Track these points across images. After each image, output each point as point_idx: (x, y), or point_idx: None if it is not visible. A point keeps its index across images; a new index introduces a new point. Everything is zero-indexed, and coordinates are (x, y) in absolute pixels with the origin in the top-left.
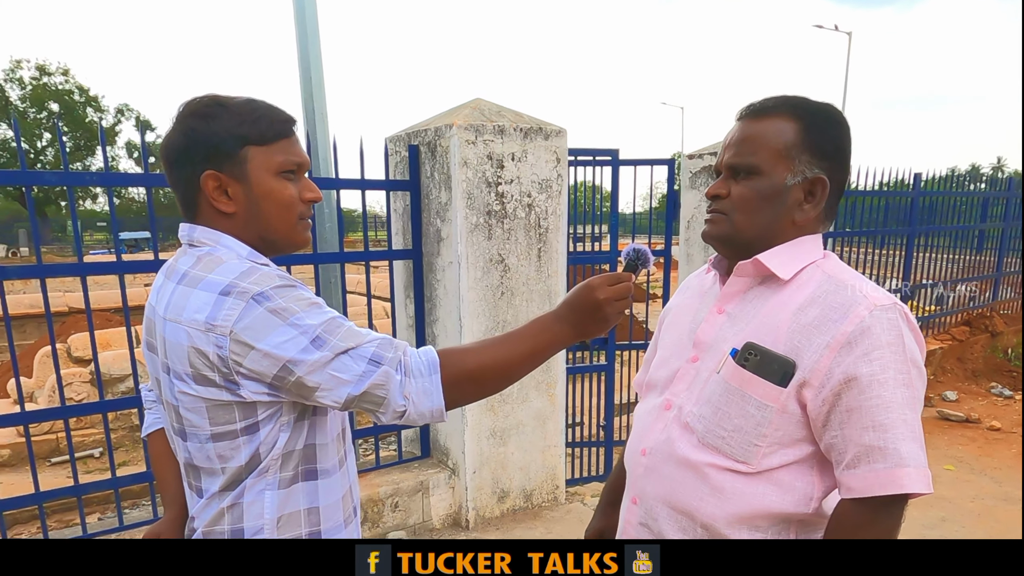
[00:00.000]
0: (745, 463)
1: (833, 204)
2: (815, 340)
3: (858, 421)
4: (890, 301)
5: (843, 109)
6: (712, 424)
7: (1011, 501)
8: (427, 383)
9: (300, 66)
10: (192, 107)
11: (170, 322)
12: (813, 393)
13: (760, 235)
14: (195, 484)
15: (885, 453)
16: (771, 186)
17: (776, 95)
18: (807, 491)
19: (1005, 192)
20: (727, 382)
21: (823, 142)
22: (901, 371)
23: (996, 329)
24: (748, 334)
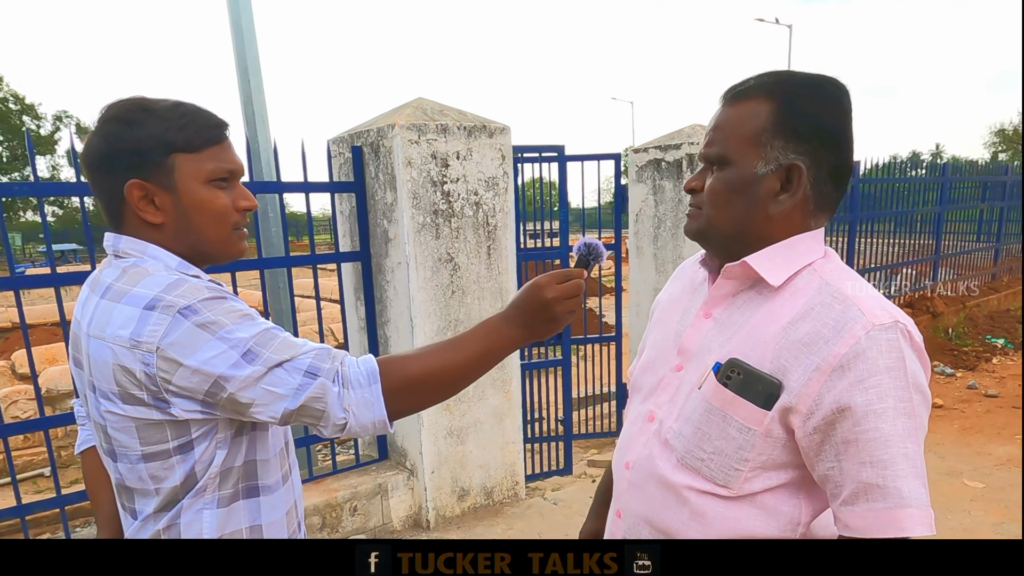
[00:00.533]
0: (725, 487)
1: (828, 193)
2: (804, 360)
3: (855, 455)
4: (891, 319)
5: None
6: (692, 444)
7: (953, 475)
8: (367, 393)
9: (237, 68)
10: (114, 111)
11: (94, 338)
12: (801, 420)
13: (736, 231)
14: (128, 505)
15: (885, 492)
16: (740, 177)
17: (763, 72)
18: (794, 516)
19: (939, 178)
20: (708, 401)
21: (800, 123)
22: (902, 399)
23: (937, 310)
24: (733, 347)
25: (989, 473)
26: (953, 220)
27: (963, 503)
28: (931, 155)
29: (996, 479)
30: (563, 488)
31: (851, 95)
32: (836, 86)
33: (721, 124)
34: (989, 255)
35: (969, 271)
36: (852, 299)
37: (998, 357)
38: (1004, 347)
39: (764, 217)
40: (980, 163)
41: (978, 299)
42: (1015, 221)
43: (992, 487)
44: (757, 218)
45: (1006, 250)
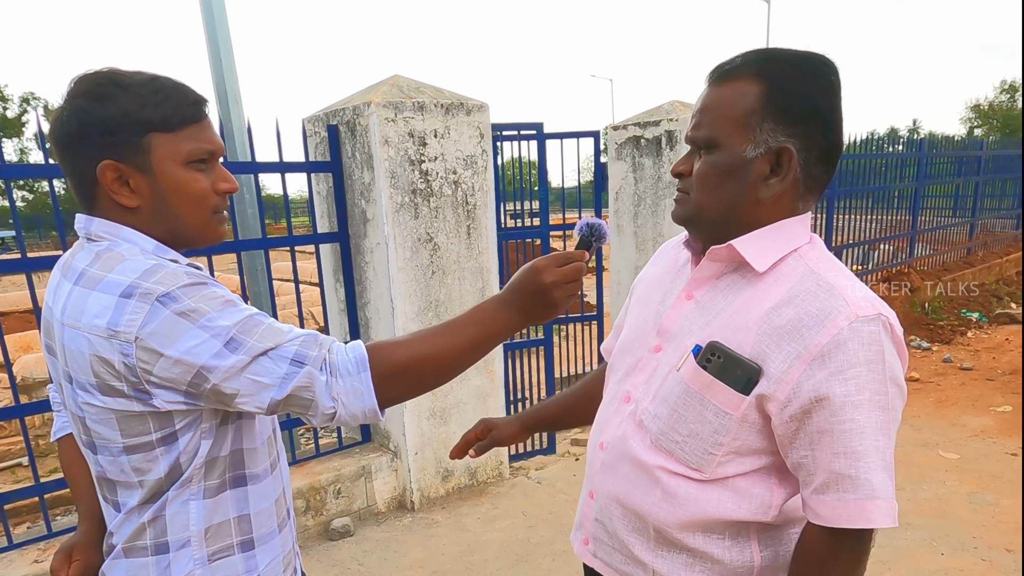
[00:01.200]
0: (698, 471)
1: (817, 174)
2: (785, 347)
3: (829, 445)
4: (874, 311)
5: None
6: (667, 426)
7: (928, 446)
8: (356, 382)
9: (209, 47)
10: (85, 85)
11: (69, 327)
12: (778, 408)
13: (724, 215)
14: (111, 498)
15: (856, 483)
16: (729, 160)
17: (750, 50)
18: (765, 498)
19: (917, 153)
20: (686, 384)
21: (789, 105)
22: (878, 392)
23: (914, 285)
24: (714, 330)
25: (963, 444)
26: (930, 196)
27: (938, 473)
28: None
29: (970, 450)
30: (547, 467)
31: (839, 71)
32: (825, 64)
33: (708, 106)
34: (964, 230)
35: (945, 246)
36: (837, 288)
37: (973, 330)
38: (979, 321)
39: (754, 201)
40: (956, 139)
41: (954, 273)
42: (990, 196)
43: (966, 458)
44: (747, 202)
45: (981, 225)
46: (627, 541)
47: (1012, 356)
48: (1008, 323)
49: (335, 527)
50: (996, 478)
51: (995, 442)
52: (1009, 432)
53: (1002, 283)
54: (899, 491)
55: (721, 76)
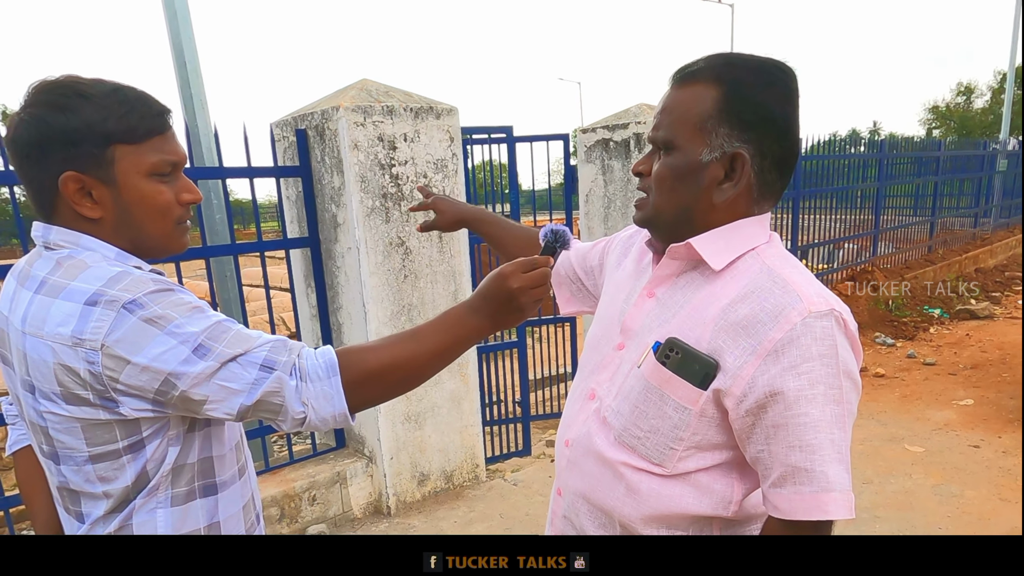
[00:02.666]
0: (660, 465)
1: (771, 180)
2: (740, 342)
3: (784, 439)
4: (827, 307)
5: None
6: (628, 422)
7: (894, 440)
8: (326, 386)
9: (173, 52)
10: (47, 94)
11: (31, 336)
12: (734, 402)
13: (679, 217)
14: (73, 508)
15: (812, 476)
16: (685, 163)
17: (711, 54)
18: (726, 494)
19: (879, 154)
20: (646, 379)
21: (745, 111)
22: (832, 386)
23: (878, 282)
24: (674, 327)
25: (928, 438)
26: (891, 195)
27: (904, 467)
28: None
29: (935, 443)
30: (523, 469)
31: (798, 79)
32: (783, 71)
33: (668, 107)
34: (925, 229)
35: (907, 244)
36: (791, 284)
37: (935, 327)
38: (940, 317)
39: (708, 205)
40: (916, 139)
41: (915, 271)
42: (949, 195)
43: (931, 451)
44: (701, 205)
45: (940, 223)
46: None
47: (972, 351)
48: (968, 319)
49: (311, 534)
50: (960, 470)
51: (958, 435)
52: (971, 425)
53: (962, 280)
54: (867, 484)
55: (683, 78)
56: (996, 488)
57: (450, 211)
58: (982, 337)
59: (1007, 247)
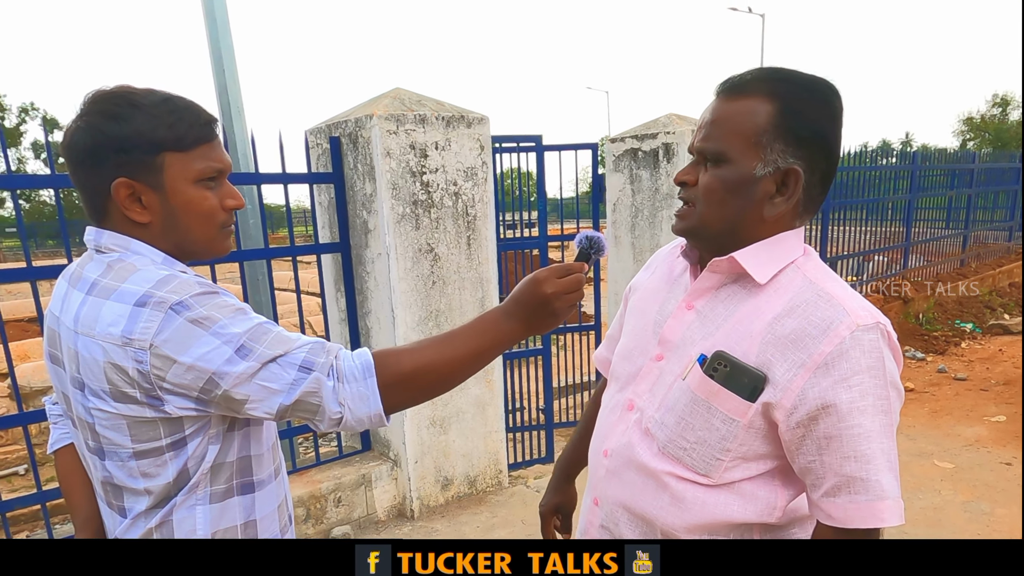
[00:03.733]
0: (706, 476)
1: (816, 195)
2: (790, 356)
3: (838, 449)
4: (872, 320)
5: None
6: (674, 434)
7: (923, 456)
8: (362, 387)
9: (212, 58)
10: (101, 104)
11: (83, 336)
12: (784, 414)
13: (727, 229)
14: (116, 503)
15: (867, 485)
16: (739, 176)
17: (758, 68)
18: (770, 500)
19: (910, 166)
20: (693, 392)
21: (800, 128)
22: (881, 397)
23: (908, 296)
24: (718, 340)
25: (958, 454)
26: (923, 207)
27: (934, 483)
28: (901, 143)
29: (965, 459)
30: (545, 476)
31: (842, 98)
32: (832, 90)
33: (719, 119)
34: (958, 242)
35: (938, 257)
36: (837, 298)
37: (966, 341)
38: (972, 331)
39: (758, 218)
40: (949, 151)
41: (947, 284)
42: (983, 208)
43: (961, 467)
44: (751, 218)
45: (973, 237)
46: None
47: (1005, 367)
48: (1001, 334)
49: (335, 535)
50: (991, 487)
51: (989, 452)
52: (1003, 442)
53: (995, 294)
54: None
55: (732, 90)
56: None
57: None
58: (1015, 353)
59: None
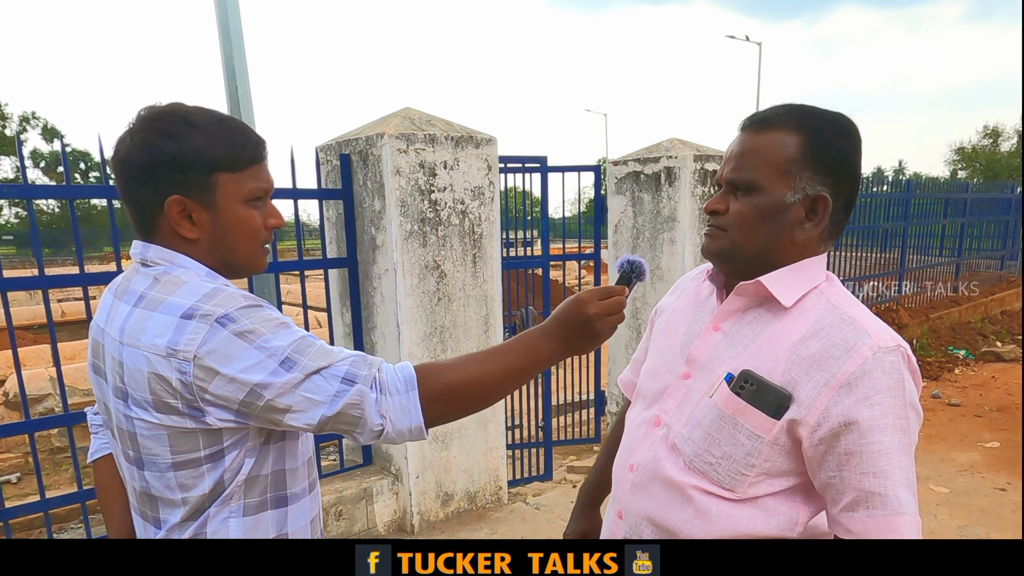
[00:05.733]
0: (731, 491)
1: (839, 221)
2: (814, 376)
3: (858, 466)
4: (894, 343)
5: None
6: (701, 449)
7: (920, 480)
8: (404, 400)
9: (225, 74)
10: (157, 121)
11: (128, 347)
12: (808, 431)
13: (759, 253)
14: (152, 515)
15: (886, 500)
16: (770, 204)
17: (781, 104)
18: (792, 516)
19: (905, 194)
20: (720, 408)
21: (826, 157)
22: (900, 416)
23: (902, 322)
24: (745, 360)
25: (953, 479)
26: (916, 235)
27: (929, 507)
28: (894, 172)
29: (960, 484)
30: (544, 493)
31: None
32: (851, 123)
33: (749, 151)
34: (951, 269)
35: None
36: (859, 322)
37: (960, 368)
38: (965, 358)
39: (789, 242)
40: (941, 180)
41: (940, 311)
42: (975, 237)
43: (956, 492)
44: (782, 243)
45: (966, 264)
46: None
47: (998, 393)
48: (994, 361)
49: None
50: (986, 512)
51: (984, 477)
52: (997, 468)
53: (987, 321)
54: None
55: (760, 124)
56: None
57: (586, 521)
58: (1008, 380)
59: None
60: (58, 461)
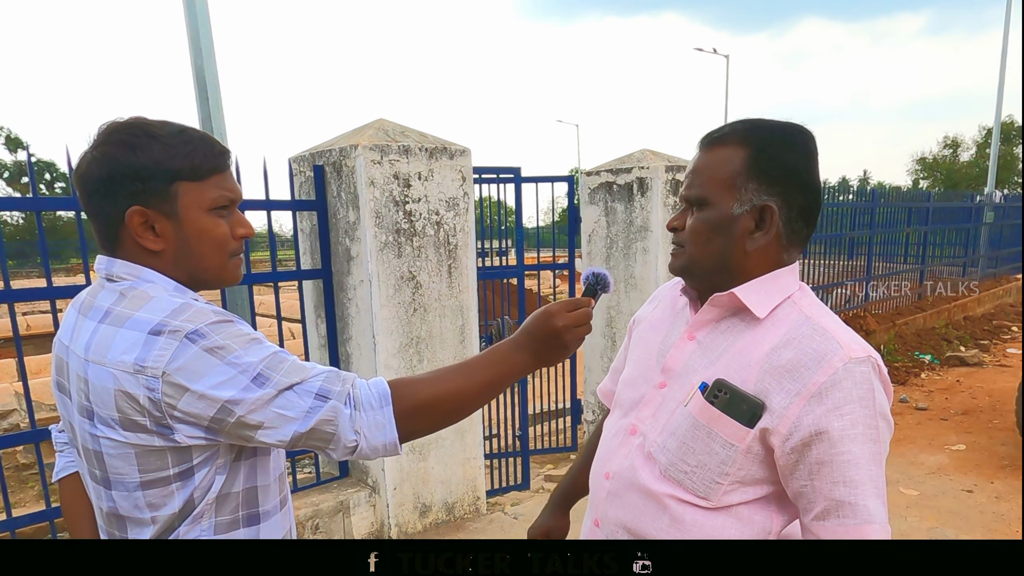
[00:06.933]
0: (705, 499)
1: (799, 229)
2: (786, 385)
3: (828, 475)
4: (864, 353)
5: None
6: (676, 458)
7: (890, 483)
8: (379, 416)
9: (196, 86)
10: (117, 134)
11: (93, 364)
12: (780, 440)
13: (716, 265)
14: (119, 535)
15: (855, 509)
16: (719, 216)
17: (737, 120)
18: (766, 525)
19: (870, 203)
20: (694, 417)
21: (771, 168)
22: (870, 426)
23: (870, 328)
24: (719, 369)
25: (922, 481)
26: (882, 243)
27: (899, 510)
28: (859, 181)
29: (929, 487)
30: (522, 503)
31: (815, 139)
32: (803, 133)
33: (699, 168)
34: (915, 276)
35: (898, 291)
36: (831, 332)
37: (926, 372)
38: (931, 363)
39: (742, 252)
40: (904, 189)
41: (906, 317)
42: (937, 244)
43: (925, 494)
44: (735, 253)
45: (929, 272)
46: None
47: (963, 397)
48: (958, 365)
49: None
50: (954, 514)
51: (952, 479)
52: (964, 470)
53: (951, 327)
54: None
55: (711, 142)
56: (990, 533)
57: (554, 520)
58: (972, 384)
59: (994, 296)
60: (24, 478)
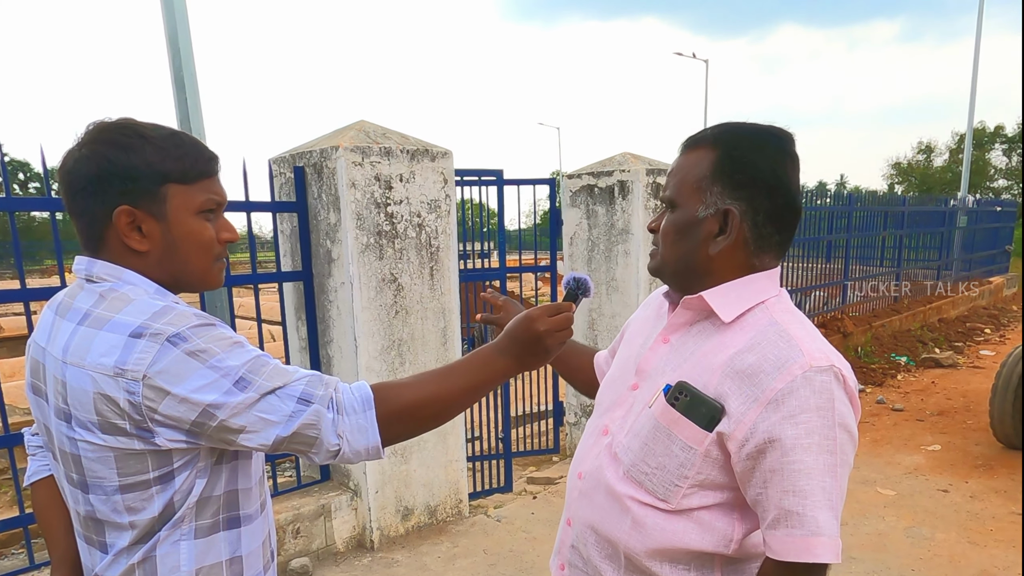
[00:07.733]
0: (664, 501)
1: (767, 234)
2: (745, 390)
3: (779, 483)
4: (827, 363)
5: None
6: (637, 458)
7: (867, 483)
8: (361, 420)
9: (174, 86)
10: (107, 133)
11: (72, 366)
12: (736, 446)
13: (682, 267)
14: (97, 539)
15: (803, 520)
16: (685, 219)
17: (718, 124)
18: (727, 532)
19: (847, 207)
20: (656, 419)
21: (736, 171)
22: (827, 437)
23: (847, 330)
24: (685, 371)
25: (899, 481)
26: (858, 246)
27: (877, 509)
28: (836, 185)
29: (905, 487)
30: (505, 505)
31: (793, 142)
32: (776, 136)
33: (674, 170)
34: (892, 279)
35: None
36: (795, 339)
37: (902, 373)
38: (907, 364)
39: (705, 256)
40: (880, 193)
41: (883, 319)
42: (912, 248)
43: (902, 494)
44: (699, 256)
45: (905, 275)
46: (600, 567)
47: (938, 398)
48: (933, 367)
49: (293, 567)
50: (930, 513)
51: (927, 479)
52: (939, 470)
53: (926, 329)
54: (842, 526)
55: (687, 145)
56: (965, 531)
57: (515, 310)
58: (947, 385)
59: (968, 299)
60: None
